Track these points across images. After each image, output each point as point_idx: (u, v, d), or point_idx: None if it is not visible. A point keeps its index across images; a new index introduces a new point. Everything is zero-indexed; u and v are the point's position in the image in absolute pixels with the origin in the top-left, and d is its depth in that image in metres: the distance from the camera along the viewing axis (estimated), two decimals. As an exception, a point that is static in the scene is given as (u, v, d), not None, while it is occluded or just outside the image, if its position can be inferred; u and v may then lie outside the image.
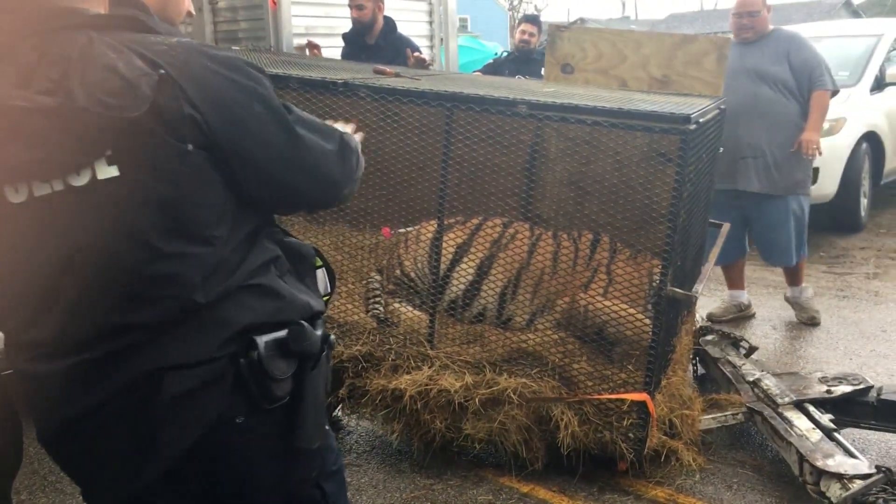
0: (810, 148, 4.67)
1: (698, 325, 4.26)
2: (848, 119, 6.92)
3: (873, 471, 2.81)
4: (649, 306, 3.25)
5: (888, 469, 2.80)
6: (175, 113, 1.43)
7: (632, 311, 3.15)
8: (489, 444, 3.30)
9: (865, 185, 7.30)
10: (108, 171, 1.42)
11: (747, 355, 3.97)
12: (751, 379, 3.65)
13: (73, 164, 1.42)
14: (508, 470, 3.36)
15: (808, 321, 5.01)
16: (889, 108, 7.48)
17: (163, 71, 1.44)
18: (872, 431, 3.49)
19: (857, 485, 2.77)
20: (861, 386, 3.43)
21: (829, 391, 3.44)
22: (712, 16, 28.71)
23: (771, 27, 4.93)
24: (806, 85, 4.74)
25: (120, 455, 1.53)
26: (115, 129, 1.40)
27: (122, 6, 1.58)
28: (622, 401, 3.09)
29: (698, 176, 3.29)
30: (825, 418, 3.25)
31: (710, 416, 3.48)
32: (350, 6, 5.44)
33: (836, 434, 3.12)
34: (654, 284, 3.17)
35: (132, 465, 1.53)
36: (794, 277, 5.10)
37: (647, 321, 3.13)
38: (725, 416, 3.50)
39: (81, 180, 1.43)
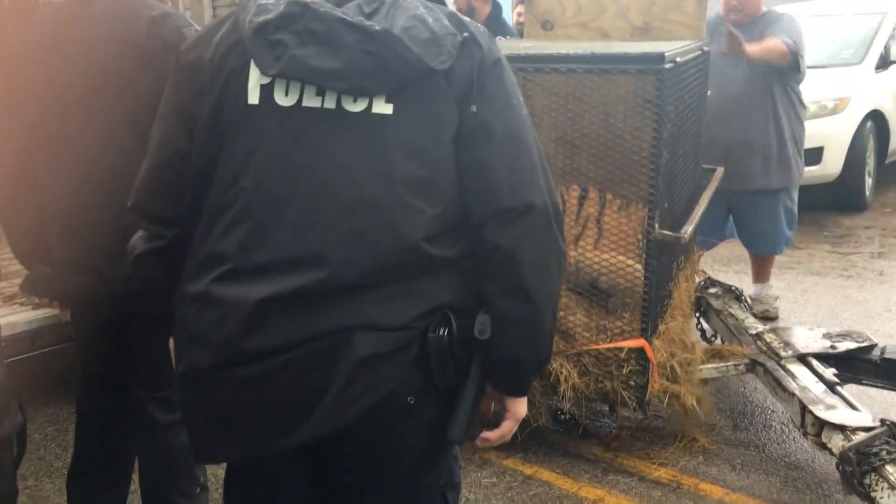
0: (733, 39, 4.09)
1: (701, 277, 4.23)
2: (852, 98, 6.81)
3: (876, 423, 2.78)
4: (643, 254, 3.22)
5: (892, 422, 2.76)
6: (467, 75, 1.47)
7: (621, 258, 3.12)
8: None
9: (870, 164, 7.18)
10: (383, 108, 1.45)
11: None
12: (754, 332, 3.63)
13: (360, 88, 1.43)
14: (512, 452, 3.37)
15: (762, 314, 4.43)
16: (894, 86, 7.36)
17: (467, 34, 1.48)
18: (875, 389, 3.46)
19: (860, 436, 2.74)
20: (865, 343, 3.40)
21: (832, 347, 3.41)
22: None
23: (764, 9, 4.51)
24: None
25: (277, 407, 1.46)
26: (416, 72, 1.44)
27: None
28: (620, 349, 3.07)
29: (682, 118, 3.25)
30: (828, 372, 3.21)
31: (712, 365, 3.46)
32: (515, 13, 5.58)
33: (838, 388, 3.09)
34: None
35: (291, 421, 1.46)
36: (763, 273, 4.71)
37: (639, 267, 3.10)
38: (727, 366, 3.48)
39: (356, 107, 1.45)
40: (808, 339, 3.51)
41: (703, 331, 4.18)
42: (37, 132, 2.33)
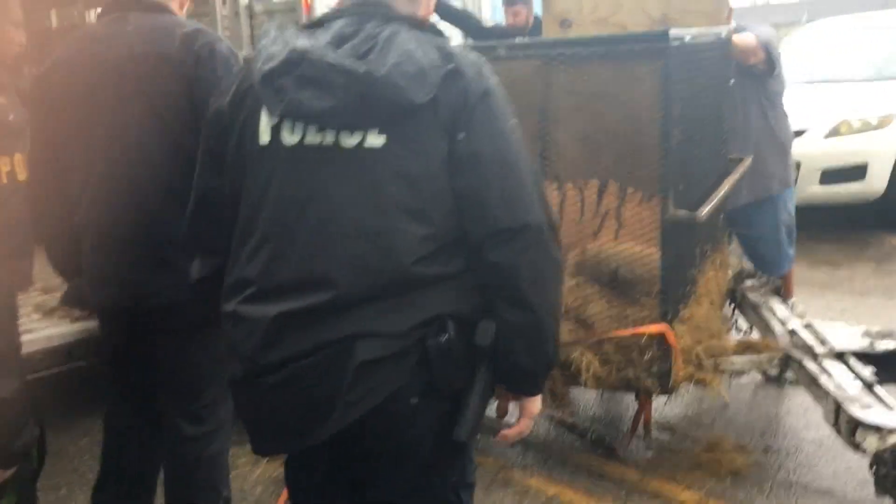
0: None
1: (738, 269, 4.12)
2: None
3: None
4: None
5: None
6: (452, 106, 1.61)
7: (642, 248, 3.07)
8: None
9: None
10: (376, 140, 1.61)
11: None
12: (791, 326, 3.51)
13: (352, 124, 1.60)
14: (536, 471, 3.35)
15: None
16: None
17: (452, 66, 1.62)
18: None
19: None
20: None
21: (871, 345, 3.29)
22: (763, 10, 27.56)
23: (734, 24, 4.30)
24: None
25: (301, 409, 1.64)
26: (400, 106, 1.59)
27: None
28: (641, 336, 3.00)
29: (696, 100, 3.20)
30: (866, 371, 3.08)
31: (745, 357, 3.35)
32: (506, 12, 5.62)
33: (876, 387, 2.96)
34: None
35: (309, 420, 1.64)
36: (784, 289, 4.44)
37: (657, 253, 3.04)
38: (761, 359, 3.37)
39: (352, 141, 1.62)
40: (847, 336, 3.38)
41: (733, 313, 4.06)
42: (72, 146, 2.41)
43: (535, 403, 1.80)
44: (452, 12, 5.54)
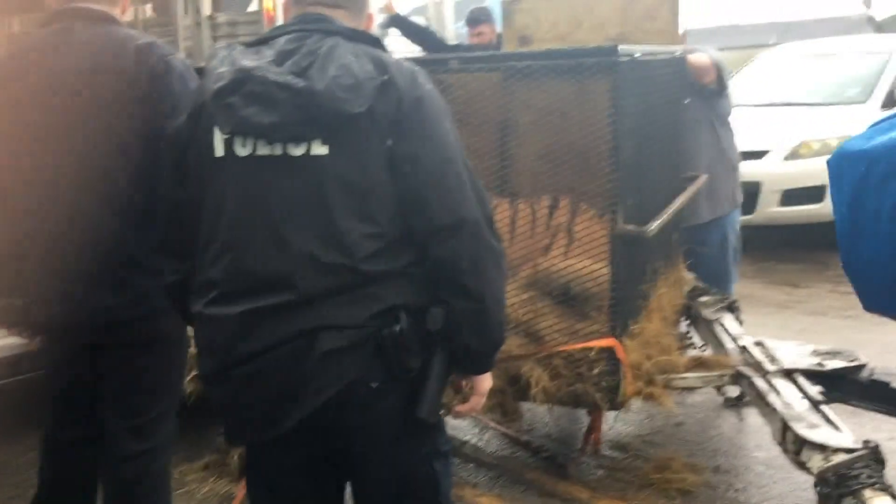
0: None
1: (693, 285, 4.13)
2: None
3: (858, 445, 2.65)
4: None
5: (875, 445, 2.63)
6: (386, 114, 1.72)
7: (586, 262, 3.06)
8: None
9: None
10: (320, 149, 1.72)
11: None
12: (742, 343, 3.51)
13: (296, 136, 1.71)
14: (487, 490, 3.33)
15: None
16: None
17: (386, 77, 1.73)
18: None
19: (840, 457, 2.61)
20: (854, 363, 3.26)
21: (820, 364, 3.28)
22: (731, 31, 27.98)
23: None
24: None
25: (268, 399, 1.77)
26: (338, 117, 1.69)
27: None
28: (590, 349, 2.99)
29: (648, 117, 3.22)
30: (814, 390, 3.08)
31: (696, 374, 3.34)
32: (470, 33, 5.65)
33: (823, 406, 2.96)
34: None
35: (277, 409, 1.76)
36: None
37: (606, 268, 3.03)
38: (711, 376, 3.36)
39: (298, 151, 1.73)
40: (796, 354, 3.37)
41: (688, 331, 4.06)
42: (15, 161, 2.32)
43: (486, 382, 1.95)
44: (414, 29, 5.55)
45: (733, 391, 3.85)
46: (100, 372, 2.47)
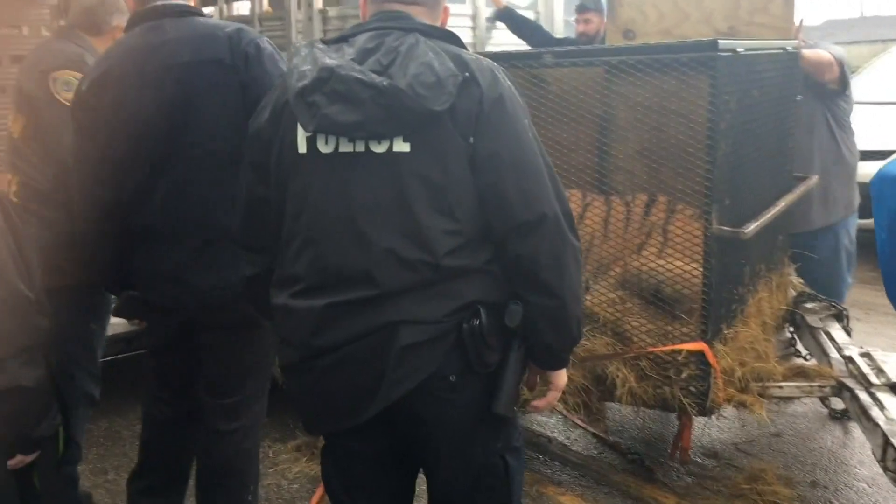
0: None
1: (800, 291, 3.95)
2: None
3: None
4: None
5: None
6: (468, 112, 1.73)
7: (679, 264, 2.97)
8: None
9: None
10: (402, 146, 1.74)
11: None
12: (847, 353, 3.34)
13: (379, 134, 1.73)
14: (571, 489, 3.30)
15: None
16: None
17: (467, 74, 1.75)
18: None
19: None
20: None
21: None
22: (871, 22, 26.54)
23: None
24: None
25: (351, 389, 1.81)
26: (421, 115, 1.71)
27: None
28: (679, 352, 2.91)
29: (752, 113, 3.09)
30: None
31: (794, 383, 3.20)
32: (577, 20, 5.61)
33: None
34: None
35: (358, 399, 1.80)
36: None
37: (699, 270, 2.94)
38: (812, 386, 3.21)
39: (381, 148, 1.75)
40: None
41: (792, 337, 3.89)
42: (125, 157, 2.39)
43: (562, 377, 1.95)
44: (521, 23, 5.50)
45: (840, 403, 3.66)
46: (200, 352, 2.57)
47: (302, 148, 1.80)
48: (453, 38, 1.86)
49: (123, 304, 2.61)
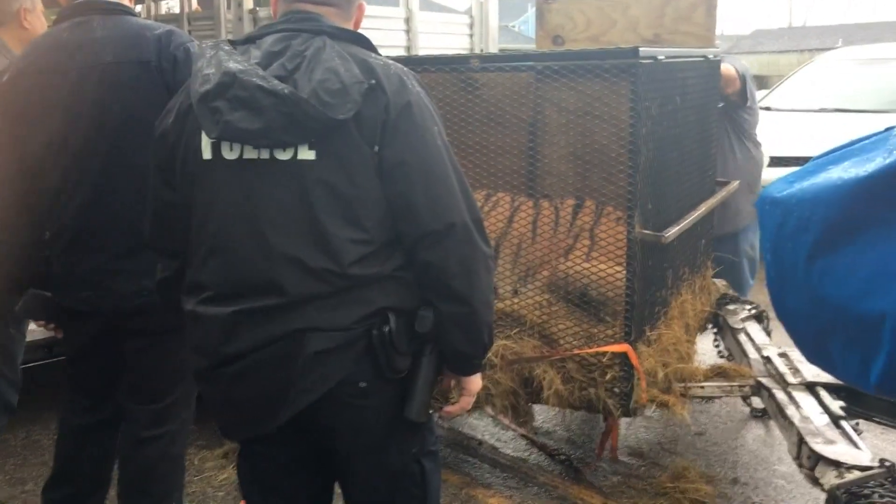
0: None
1: (721, 293, 4.05)
2: None
3: (875, 464, 2.57)
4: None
5: (892, 464, 2.54)
6: (373, 120, 1.70)
7: (604, 267, 3.02)
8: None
9: None
10: (307, 154, 1.71)
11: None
12: (765, 353, 3.43)
13: (283, 142, 1.70)
14: (499, 491, 3.31)
15: None
16: None
17: (374, 81, 1.71)
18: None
19: (853, 475, 2.53)
20: None
21: None
22: (799, 33, 27.48)
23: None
24: None
25: (260, 397, 1.79)
26: (325, 123, 1.67)
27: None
28: (604, 354, 2.96)
29: (673, 120, 3.16)
30: (835, 404, 2.99)
31: (715, 383, 3.28)
32: None
33: (842, 422, 2.87)
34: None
35: (267, 407, 1.78)
36: None
37: (622, 272, 2.99)
38: (732, 386, 3.29)
39: (285, 156, 1.72)
40: None
41: (716, 339, 4.00)
42: (43, 154, 2.35)
43: (475, 382, 1.95)
44: None
45: (760, 402, 3.76)
46: (122, 357, 2.52)
47: (206, 154, 1.77)
48: (363, 41, 1.83)
49: (30, 304, 2.54)
